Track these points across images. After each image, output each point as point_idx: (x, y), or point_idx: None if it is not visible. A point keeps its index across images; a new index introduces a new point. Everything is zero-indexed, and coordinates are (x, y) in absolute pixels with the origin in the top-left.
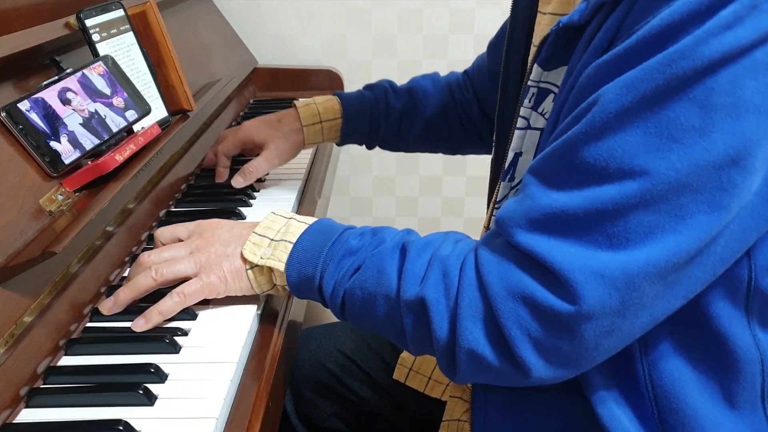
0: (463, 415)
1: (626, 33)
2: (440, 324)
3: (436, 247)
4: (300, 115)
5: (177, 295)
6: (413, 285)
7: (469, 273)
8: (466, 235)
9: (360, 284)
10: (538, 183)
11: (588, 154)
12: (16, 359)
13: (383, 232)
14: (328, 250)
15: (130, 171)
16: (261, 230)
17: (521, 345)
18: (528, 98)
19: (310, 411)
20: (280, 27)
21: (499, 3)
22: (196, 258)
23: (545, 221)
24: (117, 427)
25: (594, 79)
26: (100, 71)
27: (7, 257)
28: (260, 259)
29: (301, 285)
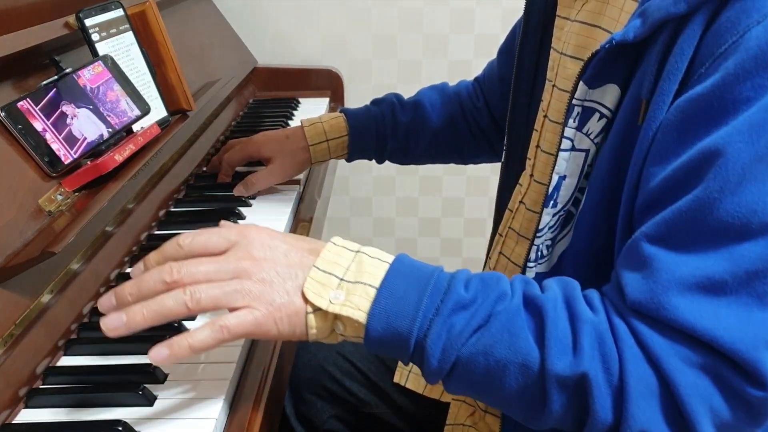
0: (468, 419)
1: (710, 56)
2: (603, 403)
3: (567, 300)
4: (306, 134)
5: (220, 329)
6: (563, 356)
7: (628, 342)
8: (575, 281)
9: (485, 349)
10: (668, 252)
11: (725, 211)
12: (16, 359)
13: (499, 282)
14: (428, 300)
15: (129, 171)
16: (324, 265)
17: (702, 421)
18: (572, 118)
19: (309, 413)
20: (280, 27)
21: (499, 3)
22: (245, 286)
23: (690, 292)
24: (116, 427)
25: (692, 116)
26: (100, 71)
27: (7, 257)
28: (330, 304)
29: (386, 341)
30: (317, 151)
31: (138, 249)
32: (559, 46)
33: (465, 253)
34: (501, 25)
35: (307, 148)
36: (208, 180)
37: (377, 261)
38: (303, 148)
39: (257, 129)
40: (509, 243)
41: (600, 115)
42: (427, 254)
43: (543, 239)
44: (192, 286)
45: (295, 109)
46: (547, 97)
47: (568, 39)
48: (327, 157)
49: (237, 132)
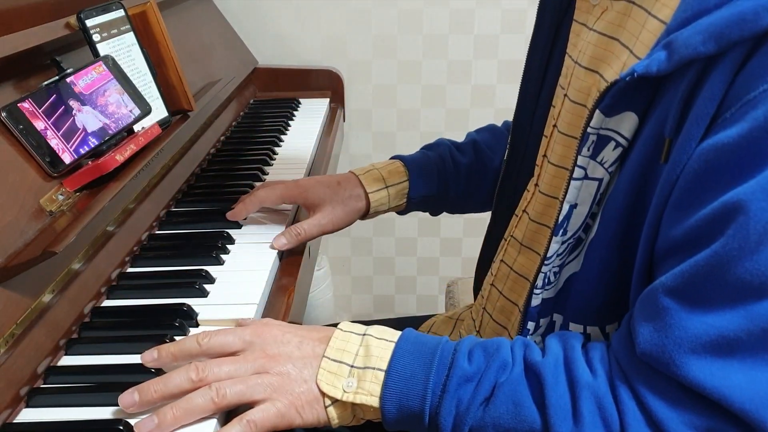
0: None
1: (738, 102)
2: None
3: (566, 363)
4: (362, 181)
5: (247, 424)
6: (564, 423)
7: (630, 406)
8: (579, 335)
9: (493, 421)
10: (683, 306)
11: (743, 269)
12: (17, 359)
13: (499, 350)
14: (435, 377)
15: (130, 171)
16: (334, 354)
17: None
18: (587, 146)
19: None
20: (280, 27)
21: (499, 3)
22: (266, 380)
23: (703, 350)
24: (117, 427)
25: (715, 165)
26: (101, 71)
27: (8, 257)
28: (344, 394)
29: (403, 420)
30: (376, 200)
31: (139, 249)
32: (574, 54)
33: (465, 253)
34: (501, 25)
35: (362, 197)
36: (208, 180)
37: (384, 342)
38: (357, 196)
39: (258, 129)
40: (511, 252)
41: (616, 144)
42: (427, 254)
43: (551, 266)
44: (217, 383)
45: (295, 109)
46: (558, 105)
47: (585, 49)
48: (386, 206)
49: (237, 132)
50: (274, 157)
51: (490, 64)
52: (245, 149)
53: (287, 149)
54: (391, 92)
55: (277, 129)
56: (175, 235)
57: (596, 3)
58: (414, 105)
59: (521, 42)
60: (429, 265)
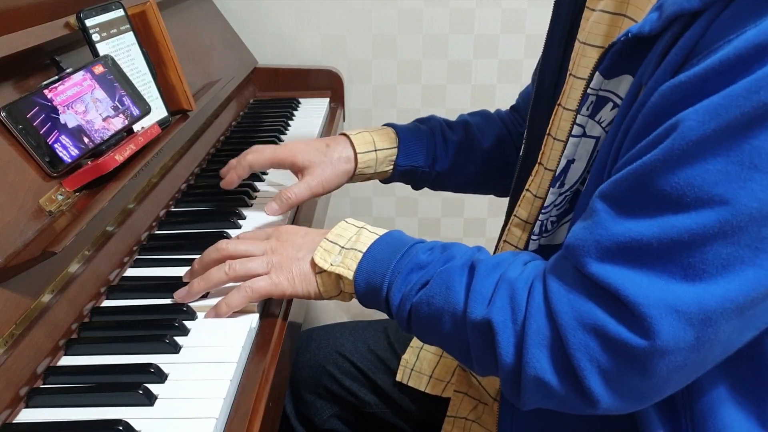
0: (471, 413)
1: (705, 50)
2: (506, 348)
3: (505, 267)
4: (353, 141)
5: (246, 290)
6: (480, 306)
7: (537, 299)
8: (535, 255)
9: (427, 299)
10: (610, 210)
11: (665, 181)
12: (16, 359)
13: (453, 249)
14: (397, 263)
15: (130, 171)
16: (332, 237)
17: (590, 376)
18: (586, 106)
19: (309, 412)
20: (280, 27)
21: (499, 3)
22: (269, 258)
23: (618, 250)
24: (117, 427)
25: (669, 99)
26: (100, 71)
27: (7, 257)
28: (330, 266)
29: (368, 294)
30: (364, 162)
31: (138, 249)
32: (582, 36)
33: None
34: (501, 25)
35: (351, 158)
36: (208, 179)
37: (373, 234)
38: (346, 158)
39: (258, 129)
40: (515, 231)
41: (613, 105)
42: None
43: (548, 215)
44: (230, 261)
45: (295, 109)
46: (566, 88)
47: (592, 28)
48: (372, 170)
49: (237, 132)
50: None
51: (490, 64)
52: (245, 149)
53: None
54: (391, 92)
55: (277, 129)
56: (174, 235)
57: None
58: (414, 105)
59: (521, 42)
60: None
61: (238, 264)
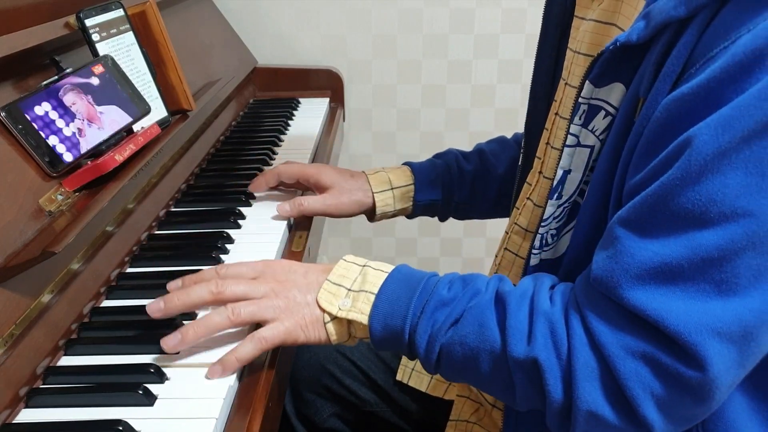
0: (472, 416)
1: (701, 58)
2: (555, 385)
3: (532, 296)
4: (370, 181)
5: (258, 341)
6: (520, 343)
7: (578, 331)
8: (552, 277)
9: (460, 339)
10: (632, 235)
11: (686, 200)
12: (16, 359)
13: (475, 281)
14: (417, 301)
15: (129, 171)
16: (335, 278)
17: (644, 404)
18: (578, 115)
19: (310, 412)
20: (280, 27)
21: (499, 3)
22: (275, 303)
23: (647, 277)
24: (117, 427)
25: (676, 113)
26: (100, 71)
27: (7, 257)
28: (339, 310)
29: (387, 338)
30: (381, 200)
31: (138, 249)
32: (574, 45)
33: (465, 253)
34: (501, 25)
35: (369, 194)
36: (208, 179)
37: (379, 272)
38: (365, 191)
39: (258, 129)
40: (515, 239)
41: (605, 113)
42: (427, 254)
43: (548, 228)
44: (234, 304)
45: (295, 109)
46: (560, 95)
47: (583, 38)
48: (392, 208)
49: (237, 132)
50: (274, 157)
51: (490, 64)
52: (245, 149)
53: (287, 149)
54: (391, 92)
55: (277, 129)
56: (174, 235)
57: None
58: (414, 105)
59: (521, 42)
60: (429, 265)
61: (242, 308)
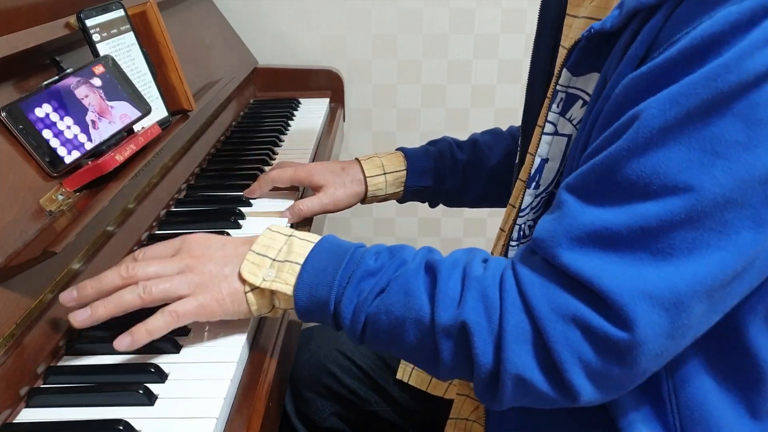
0: (471, 414)
1: (664, 43)
2: (484, 349)
3: (465, 266)
4: (363, 166)
5: (169, 314)
6: (449, 308)
7: (511, 294)
8: (488, 252)
9: (385, 308)
10: (577, 200)
11: (631, 170)
12: (17, 359)
13: (402, 252)
14: (343, 271)
15: (130, 171)
16: (260, 249)
17: (572, 369)
18: (556, 103)
19: (310, 411)
20: (280, 27)
21: (499, 3)
22: (189, 278)
23: (587, 240)
24: (117, 427)
25: (632, 91)
26: (101, 71)
27: (8, 257)
28: (263, 281)
29: (312, 309)
30: (374, 185)
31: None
32: (566, 43)
33: None
34: (501, 25)
35: (363, 181)
36: (208, 180)
37: (305, 242)
38: (358, 181)
39: (258, 129)
40: (511, 222)
41: (583, 102)
42: None
43: (525, 219)
44: (144, 281)
45: (295, 109)
46: (550, 94)
47: (574, 35)
48: (383, 192)
49: (238, 132)
50: (274, 157)
51: (490, 64)
52: (245, 149)
53: (287, 149)
54: (391, 92)
55: (277, 129)
56: (175, 235)
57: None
58: (414, 105)
59: (521, 42)
60: None
61: (153, 285)
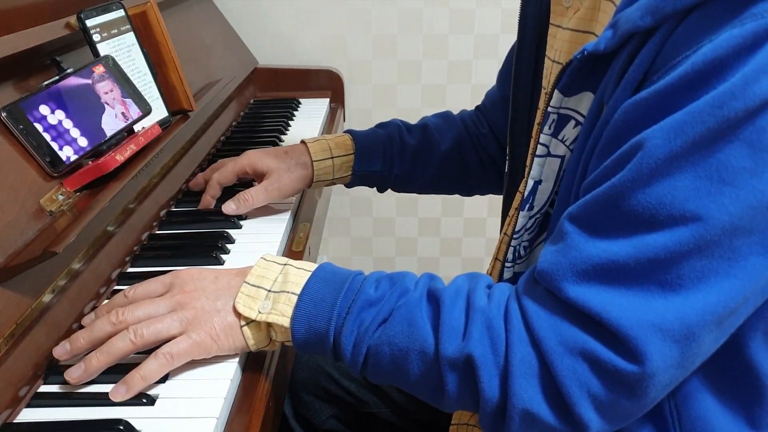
0: (471, 419)
1: (663, 67)
2: (490, 383)
3: (468, 294)
4: (310, 149)
5: (163, 356)
6: (454, 340)
7: (517, 327)
8: (490, 278)
9: (388, 339)
10: (581, 232)
11: (636, 201)
12: (17, 359)
13: (403, 280)
14: (342, 301)
15: (130, 171)
16: (254, 280)
17: (580, 403)
18: (548, 125)
19: (308, 413)
20: (280, 27)
21: (499, 3)
22: (180, 315)
23: (594, 273)
24: (117, 427)
25: (632, 117)
26: (101, 71)
27: (8, 257)
28: (258, 314)
29: (310, 341)
30: (320, 169)
31: (139, 248)
32: (552, 54)
33: (465, 253)
34: (501, 25)
35: (309, 165)
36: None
37: (302, 271)
38: (303, 164)
39: (258, 129)
40: (504, 249)
41: (575, 122)
42: (427, 254)
43: (519, 240)
44: (135, 325)
45: (295, 109)
46: (541, 105)
47: (560, 47)
48: (330, 176)
49: (238, 132)
50: None
51: (490, 64)
52: (245, 149)
53: None
54: (391, 92)
55: (278, 129)
56: (175, 234)
57: (569, 5)
58: (414, 105)
59: None
60: (429, 265)
61: (144, 328)
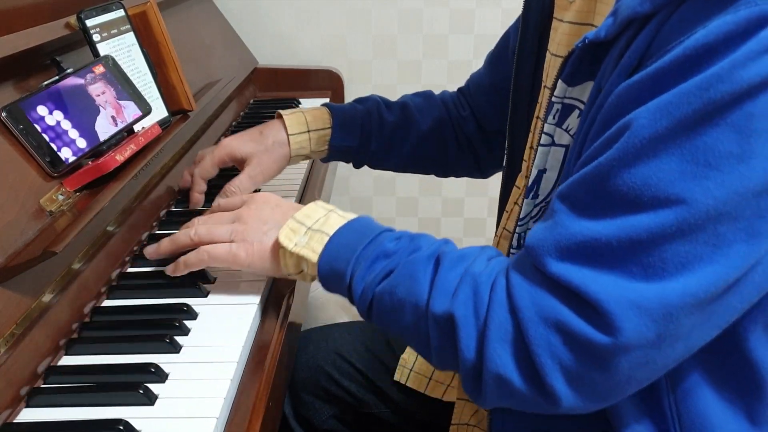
0: (472, 418)
1: (657, 52)
2: (467, 343)
3: (470, 261)
4: (286, 123)
5: (204, 252)
6: (443, 299)
7: (499, 293)
8: (500, 251)
9: (390, 290)
10: (568, 210)
11: (621, 181)
12: (17, 359)
13: (420, 239)
14: (363, 250)
15: (130, 171)
16: (300, 217)
17: (551, 373)
18: (552, 114)
19: (308, 414)
20: (280, 27)
21: (499, 3)
22: (234, 227)
23: (577, 250)
24: (117, 426)
25: (624, 99)
26: (101, 71)
27: (8, 257)
28: (294, 246)
29: (331, 279)
30: (297, 143)
31: (139, 249)
32: (552, 47)
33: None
34: (501, 25)
35: (285, 142)
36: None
37: (341, 218)
38: (281, 143)
39: None
40: (504, 244)
41: (579, 112)
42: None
43: (524, 228)
44: (197, 227)
45: None
46: (542, 99)
47: (560, 40)
48: (307, 151)
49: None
50: None
51: None
52: None
53: None
54: (391, 92)
55: None
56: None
57: (572, 0)
58: None
59: None
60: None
61: (203, 229)
